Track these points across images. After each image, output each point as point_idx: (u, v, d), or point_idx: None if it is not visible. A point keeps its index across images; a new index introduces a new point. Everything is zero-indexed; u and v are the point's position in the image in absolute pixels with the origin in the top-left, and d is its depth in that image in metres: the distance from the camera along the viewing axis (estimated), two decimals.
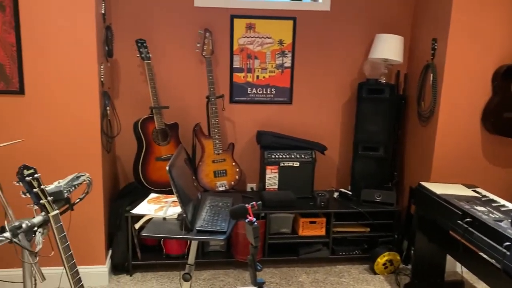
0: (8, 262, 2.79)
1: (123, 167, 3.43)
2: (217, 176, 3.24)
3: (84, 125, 2.72)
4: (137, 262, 3.06)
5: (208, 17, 3.27)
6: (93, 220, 2.84)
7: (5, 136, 2.64)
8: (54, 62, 2.62)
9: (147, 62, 3.07)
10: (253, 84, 3.40)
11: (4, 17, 2.53)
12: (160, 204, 2.42)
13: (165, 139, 3.16)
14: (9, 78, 2.60)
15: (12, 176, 2.64)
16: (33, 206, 2.04)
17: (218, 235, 1.96)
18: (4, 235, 1.84)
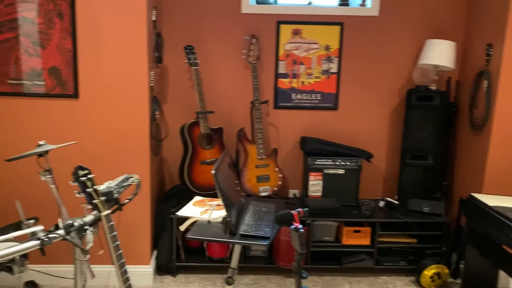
0: (60, 259, 2.91)
1: (169, 169, 3.51)
2: (260, 181, 3.25)
3: (134, 129, 2.81)
4: (180, 264, 3.11)
5: (254, 23, 3.30)
6: (140, 220, 2.92)
7: (61, 138, 2.78)
8: (107, 67, 2.73)
9: (194, 68, 3.13)
10: (298, 89, 3.39)
11: (62, 24, 2.66)
12: (205, 207, 2.46)
13: (210, 143, 3.21)
14: (65, 82, 2.73)
15: (66, 176, 2.77)
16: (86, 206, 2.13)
17: (261, 240, 1.96)
18: (58, 232, 1.92)
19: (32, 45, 2.67)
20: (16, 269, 2.03)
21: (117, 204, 2.02)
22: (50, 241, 1.88)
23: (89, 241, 2.03)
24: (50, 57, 2.69)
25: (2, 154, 2.76)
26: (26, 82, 2.72)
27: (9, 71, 2.69)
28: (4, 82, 2.70)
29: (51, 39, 2.67)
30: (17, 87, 2.72)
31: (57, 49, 2.68)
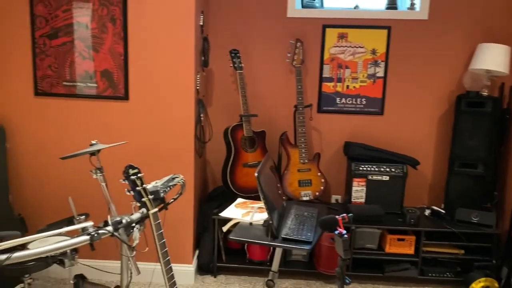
0: (107, 254, 3.03)
1: (212, 171, 3.57)
2: (302, 186, 3.23)
3: (180, 130, 2.88)
4: (221, 264, 3.15)
5: (299, 27, 3.30)
6: (183, 220, 2.99)
7: (111, 138, 2.89)
8: (155, 70, 2.82)
9: (239, 72, 3.17)
10: (343, 93, 3.36)
11: (115, 29, 2.77)
12: (247, 209, 2.48)
13: (253, 146, 3.23)
14: (116, 84, 2.84)
15: (115, 174, 2.88)
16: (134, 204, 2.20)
17: (303, 245, 1.96)
18: (106, 229, 2.00)
19: (86, 49, 2.80)
20: (67, 262, 2.13)
21: (162, 203, 2.07)
22: (99, 236, 1.96)
23: (135, 238, 2.10)
24: (103, 60, 2.81)
25: (57, 152, 2.91)
26: (79, 84, 2.85)
27: (65, 73, 2.83)
28: (59, 84, 2.85)
29: (104, 43, 2.79)
30: (71, 89, 2.85)
31: (109, 52, 2.80)
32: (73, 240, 1.90)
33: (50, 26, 2.78)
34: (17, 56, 2.82)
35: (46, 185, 2.96)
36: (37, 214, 3.00)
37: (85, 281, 2.33)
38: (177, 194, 2.33)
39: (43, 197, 2.98)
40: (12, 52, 2.82)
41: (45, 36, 2.79)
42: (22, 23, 2.78)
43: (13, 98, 2.87)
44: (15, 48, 2.82)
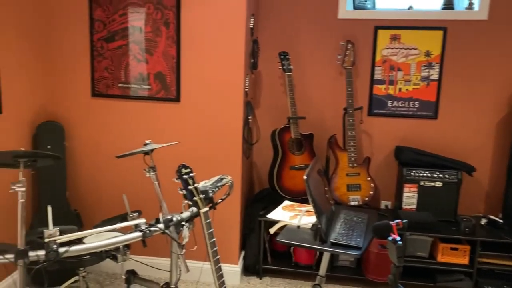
0: (157, 251, 3.11)
1: (258, 173, 3.58)
2: (350, 190, 3.17)
3: (228, 132, 2.91)
4: (267, 266, 3.15)
5: (351, 28, 3.25)
6: (230, 221, 3.01)
7: (163, 138, 2.97)
8: (205, 73, 2.87)
9: (288, 74, 3.17)
10: (395, 96, 3.27)
11: (168, 32, 2.85)
12: (294, 212, 2.46)
13: (300, 149, 3.21)
14: (168, 87, 2.92)
15: (167, 174, 2.95)
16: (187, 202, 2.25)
17: (353, 250, 1.92)
18: (158, 226, 2.05)
19: (141, 52, 2.89)
20: (120, 258, 2.20)
21: (211, 203, 2.10)
22: (151, 233, 2.02)
23: (185, 236, 2.14)
24: (156, 63, 2.89)
25: (112, 151, 3.02)
26: (134, 85, 2.95)
27: (120, 75, 2.94)
28: (115, 86, 2.96)
29: (157, 46, 2.87)
30: (126, 90, 2.96)
31: (163, 55, 2.87)
32: (126, 236, 1.96)
33: (107, 29, 2.90)
34: (76, 58, 2.96)
35: (101, 182, 3.09)
36: (92, 210, 3.13)
37: (136, 277, 2.40)
38: (225, 194, 2.36)
39: (98, 194, 3.10)
40: (72, 54, 2.96)
41: (102, 40, 2.91)
42: (81, 27, 2.92)
43: (72, 98, 3.01)
44: (75, 51, 2.96)
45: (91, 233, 2.11)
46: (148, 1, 2.82)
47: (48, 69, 3.00)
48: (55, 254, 1.75)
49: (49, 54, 2.98)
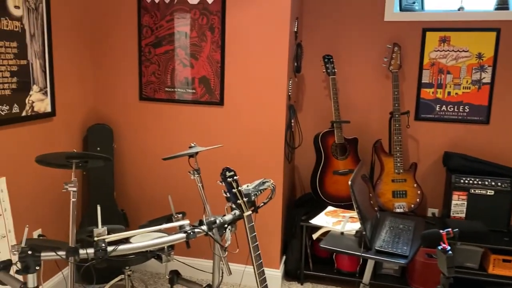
0: (200, 253, 3.15)
1: (300, 177, 3.56)
2: (396, 197, 3.09)
3: (271, 135, 2.91)
4: (308, 272, 3.12)
5: (397, 31, 3.18)
6: (272, 225, 3.01)
7: (207, 141, 3.01)
8: (249, 77, 2.88)
9: (332, 77, 3.13)
10: (443, 100, 3.15)
11: (213, 37, 2.89)
12: (338, 218, 2.43)
13: (344, 153, 3.16)
14: (212, 91, 2.96)
15: (210, 176, 2.99)
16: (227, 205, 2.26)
17: (399, 259, 1.86)
18: (202, 228, 2.07)
19: (186, 57, 2.95)
20: (164, 258, 2.24)
21: (253, 206, 2.11)
22: (195, 235, 2.04)
23: (227, 239, 2.15)
24: (201, 67, 2.94)
25: (158, 153, 3.10)
26: (179, 90, 3.01)
27: (166, 80, 3.01)
28: (161, 90, 3.03)
29: (202, 51, 2.92)
30: (172, 94, 3.02)
31: (208, 60, 2.92)
32: (171, 237, 2.00)
33: (155, 35, 2.98)
34: (125, 63, 3.06)
35: (147, 183, 3.17)
36: (137, 210, 3.22)
37: (179, 277, 2.44)
38: (267, 198, 2.36)
39: (144, 195, 3.19)
40: (121, 59, 3.07)
41: (150, 45, 3.00)
42: (131, 33, 3.01)
43: (121, 102, 3.12)
44: (124, 56, 3.06)
45: (137, 233, 2.16)
46: (194, 6, 2.87)
47: (98, 74, 3.12)
48: (104, 253, 1.80)
49: (100, 59, 3.10)
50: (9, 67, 2.33)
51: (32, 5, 2.46)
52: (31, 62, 2.49)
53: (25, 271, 1.77)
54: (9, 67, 2.33)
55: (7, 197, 2.34)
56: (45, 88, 2.61)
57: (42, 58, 2.57)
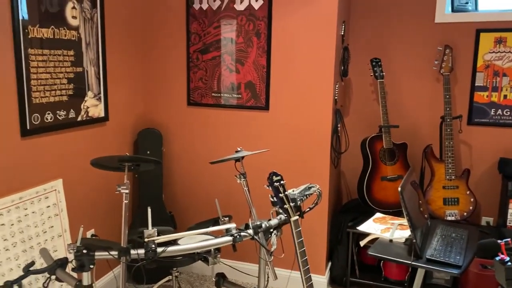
0: (245, 257, 3.17)
1: (346, 183, 3.50)
2: (447, 204, 2.97)
3: (317, 140, 2.89)
4: (354, 279, 3.06)
5: (449, 32, 3.07)
6: (317, 230, 2.98)
7: (253, 145, 3.03)
8: (295, 81, 2.88)
9: (380, 81, 3.07)
10: (499, 104, 3.01)
11: (259, 42, 2.92)
12: (386, 225, 2.37)
13: (392, 159, 3.09)
14: (258, 95, 2.98)
15: (256, 180, 3.01)
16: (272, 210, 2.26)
17: (451, 268, 1.79)
18: (248, 232, 2.09)
19: (233, 62, 2.99)
20: (211, 260, 2.27)
21: (299, 211, 2.10)
22: (241, 238, 2.06)
23: (273, 244, 2.15)
24: (247, 72, 2.97)
25: (205, 157, 3.15)
26: (225, 95, 3.06)
27: (213, 85, 3.07)
28: (208, 95, 3.09)
29: (248, 56, 2.95)
30: (218, 99, 3.07)
31: (254, 65, 2.95)
32: (218, 239, 2.03)
33: (202, 42, 3.04)
34: (174, 70, 3.15)
35: (195, 186, 3.23)
36: (185, 213, 3.28)
37: (225, 280, 2.46)
38: (313, 203, 2.34)
39: (191, 198, 3.25)
40: (170, 66, 3.16)
41: (198, 51, 3.07)
42: (179, 40, 3.10)
43: (169, 107, 3.20)
44: (173, 63, 3.14)
45: (185, 235, 2.21)
46: (241, 13, 2.91)
47: (148, 80, 3.22)
48: (153, 254, 1.86)
49: (150, 66, 3.20)
50: (66, 74, 2.46)
51: (88, 15, 2.59)
52: (86, 70, 2.61)
53: (80, 269, 1.85)
54: (66, 74, 2.46)
55: (64, 198, 2.46)
56: (99, 94, 2.73)
57: (96, 66, 2.70)
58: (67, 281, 1.88)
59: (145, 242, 1.88)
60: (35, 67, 2.24)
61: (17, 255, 2.12)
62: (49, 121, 2.36)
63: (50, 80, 2.34)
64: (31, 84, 2.22)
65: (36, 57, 2.24)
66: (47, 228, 2.33)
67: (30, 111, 2.22)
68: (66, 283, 1.90)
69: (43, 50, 2.28)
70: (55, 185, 2.40)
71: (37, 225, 2.26)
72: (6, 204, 2.08)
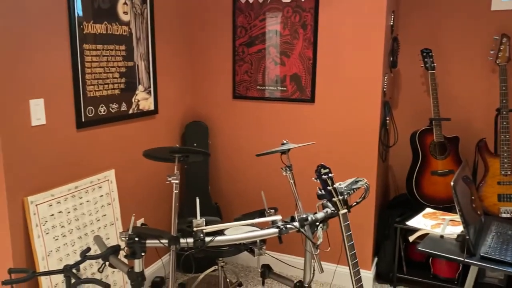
0: (290, 250, 3.17)
1: (394, 177, 3.42)
2: (502, 201, 2.84)
3: (364, 133, 2.84)
4: (401, 275, 2.99)
5: (506, 20, 2.91)
6: (364, 225, 2.93)
7: (298, 138, 3.02)
8: (341, 73, 2.84)
9: (431, 72, 2.96)
10: None
11: (305, 34, 2.89)
12: (437, 221, 2.30)
13: (443, 153, 2.98)
14: (303, 88, 2.96)
15: (301, 173, 3.00)
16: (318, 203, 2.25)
17: (508, 267, 1.71)
18: (294, 224, 2.09)
19: (278, 55, 2.99)
20: (257, 251, 2.29)
21: (346, 205, 2.07)
22: (287, 231, 2.06)
23: (319, 237, 2.14)
24: (293, 65, 2.96)
25: (250, 150, 3.18)
26: (270, 87, 3.06)
27: (258, 78, 3.08)
28: (253, 88, 3.10)
29: (294, 48, 2.93)
30: (263, 92, 3.08)
31: (299, 57, 2.93)
32: (264, 231, 2.04)
33: (248, 35, 3.05)
34: (220, 63, 3.18)
35: (240, 178, 3.26)
36: (230, 204, 3.33)
37: (271, 272, 2.48)
38: (360, 197, 2.30)
39: (236, 189, 3.29)
40: (217, 60, 3.19)
41: (243, 45, 3.08)
42: (225, 34, 3.12)
43: (215, 100, 3.25)
44: (219, 56, 3.18)
45: (232, 226, 2.24)
46: (287, 4, 2.90)
47: (195, 74, 3.28)
48: (202, 243, 1.90)
49: (197, 60, 3.25)
50: (118, 69, 2.55)
51: (138, 11, 2.66)
52: (137, 64, 2.69)
53: (132, 256, 1.92)
54: (118, 69, 2.55)
55: (116, 188, 2.56)
56: (149, 87, 2.81)
57: (146, 60, 2.77)
58: (119, 267, 1.96)
59: (193, 231, 1.93)
60: (89, 62, 2.33)
61: (73, 241, 2.24)
62: (102, 114, 2.45)
63: (103, 74, 2.43)
64: (86, 78, 2.32)
65: (90, 52, 2.33)
66: (100, 217, 2.43)
67: (85, 104, 2.32)
68: (119, 269, 1.98)
69: (96, 45, 2.37)
70: (108, 175, 2.50)
71: (91, 213, 2.37)
72: (63, 193, 2.19)
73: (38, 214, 2.04)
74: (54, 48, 2.11)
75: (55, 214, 2.13)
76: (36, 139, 2.05)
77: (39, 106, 2.06)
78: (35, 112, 2.03)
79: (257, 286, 3.01)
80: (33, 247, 2.02)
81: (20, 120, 1.96)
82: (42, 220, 2.06)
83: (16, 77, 1.93)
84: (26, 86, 1.98)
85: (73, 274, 1.73)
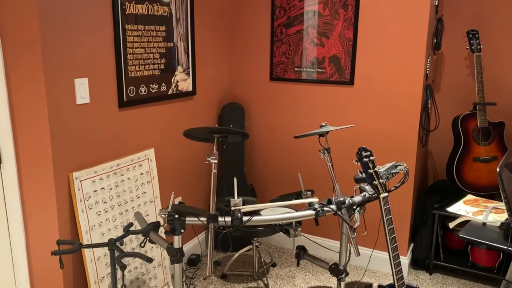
0: (326, 232, 3.17)
1: (433, 163, 3.34)
2: None
3: (404, 117, 2.77)
4: (438, 262, 2.94)
5: None
6: (401, 210, 2.89)
7: (337, 121, 2.99)
8: (382, 55, 2.76)
9: (476, 55, 2.84)
10: None
11: (346, 14, 2.83)
12: (479, 208, 2.24)
13: (487, 139, 2.88)
14: (342, 70, 2.91)
15: (339, 156, 2.97)
16: (356, 187, 2.24)
17: None
18: (331, 207, 2.09)
19: (318, 36, 2.94)
20: (292, 233, 2.31)
21: (385, 189, 2.05)
22: (324, 213, 2.07)
23: (356, 220, 2.13)
24: (332, 46, 2.90)
25: (287, 131, 3.17)
26: (308, 69, 3.02)
27: (296, 59, 3.04)
28: (291, 70, 3.08)
29: (334, 29, 2.87)
30: (301, 74, 3.05)
31: (339, 38, 2.87)
32: (300, 212, 2.05)
33: (287, 15, 3.01)
34: (258, 44, 3.17)
35: (275, 160, 3.27)
36: (265, 186, 3.35)
37: (306, 253, 2.50)
38: (399, 182, 2.27)
39: (271, 171, 3.30)
40: (254, 41, 3.18)
41: (282, 25, 3.05)
42: (264, 14, 3.10)
43: (252, 82, 3.24)
44: (257, 37, 3.16)
45: (269, 206, 2.26)
46: None
47: (233, 55, 3.28)
48: (239, 222, 1.93)
49: (235, 41, 3.25)
50: (159, 49, 2.58)
51: None
52: (176, 45, 2.72)
53: (172, 233, 1.97)
54: (159, 49, 2.58)
55: (155, 166, 2.62)
56: (187, 68, 2.84)
57: (185, 41, 2.79)
58: (159, 243, 2.02)
59: (231, 210, 1.96)
60: (131, 42, 2.37)
61: (114, 217, 2.31)
62: (143, 94, 2.50)
63: (144, 54, 2.47)
64: (127, 59, 2.36)
65: (132, 32, 2.37)
66: (140, 194, 2.50)
67: (126, 84, 2.37)
68: (158, 244, 2.04)
69: (138, 25, 2.40)
70: (148, 154, 2.56)
71: (132, 190, 2.44)
72: (106, 170, 2.27)
73: (82, 189, 2.12)
74: (98, 28, 2.16)
75: (98, 190, 2.21)
76: (80, 118, 2.12)
77: (84, 85, 2.11)
78: (79, 91, 2.09)
79: (290, 267, 3.04)
80: (77, 221, 2.11)
81: (66, 98, 2.03)
82: (86, 195, 2.14)
83: (64, 56, 1.99)
84: (72, 66, 2.04)
85: (117, 247, 1.80)
